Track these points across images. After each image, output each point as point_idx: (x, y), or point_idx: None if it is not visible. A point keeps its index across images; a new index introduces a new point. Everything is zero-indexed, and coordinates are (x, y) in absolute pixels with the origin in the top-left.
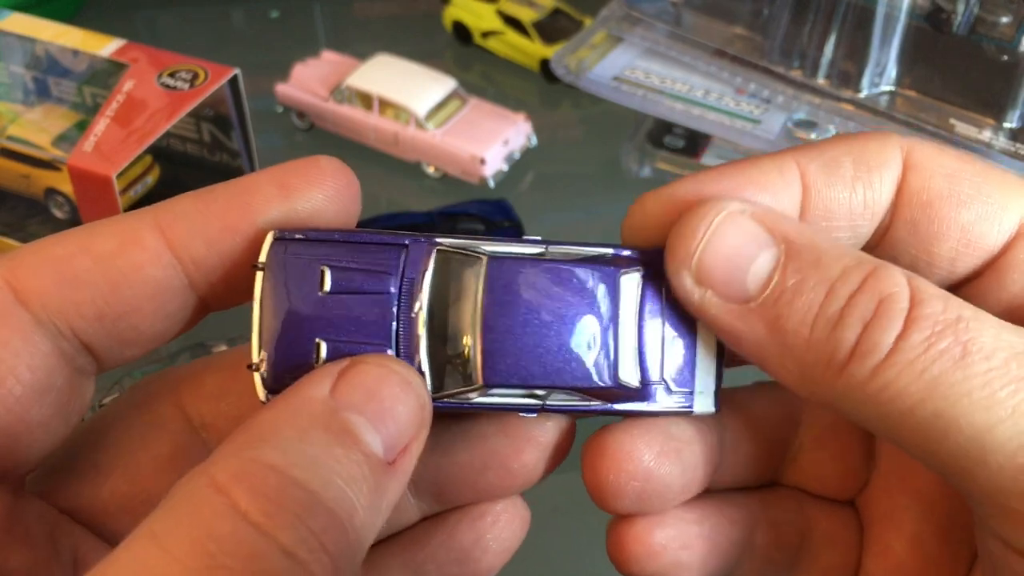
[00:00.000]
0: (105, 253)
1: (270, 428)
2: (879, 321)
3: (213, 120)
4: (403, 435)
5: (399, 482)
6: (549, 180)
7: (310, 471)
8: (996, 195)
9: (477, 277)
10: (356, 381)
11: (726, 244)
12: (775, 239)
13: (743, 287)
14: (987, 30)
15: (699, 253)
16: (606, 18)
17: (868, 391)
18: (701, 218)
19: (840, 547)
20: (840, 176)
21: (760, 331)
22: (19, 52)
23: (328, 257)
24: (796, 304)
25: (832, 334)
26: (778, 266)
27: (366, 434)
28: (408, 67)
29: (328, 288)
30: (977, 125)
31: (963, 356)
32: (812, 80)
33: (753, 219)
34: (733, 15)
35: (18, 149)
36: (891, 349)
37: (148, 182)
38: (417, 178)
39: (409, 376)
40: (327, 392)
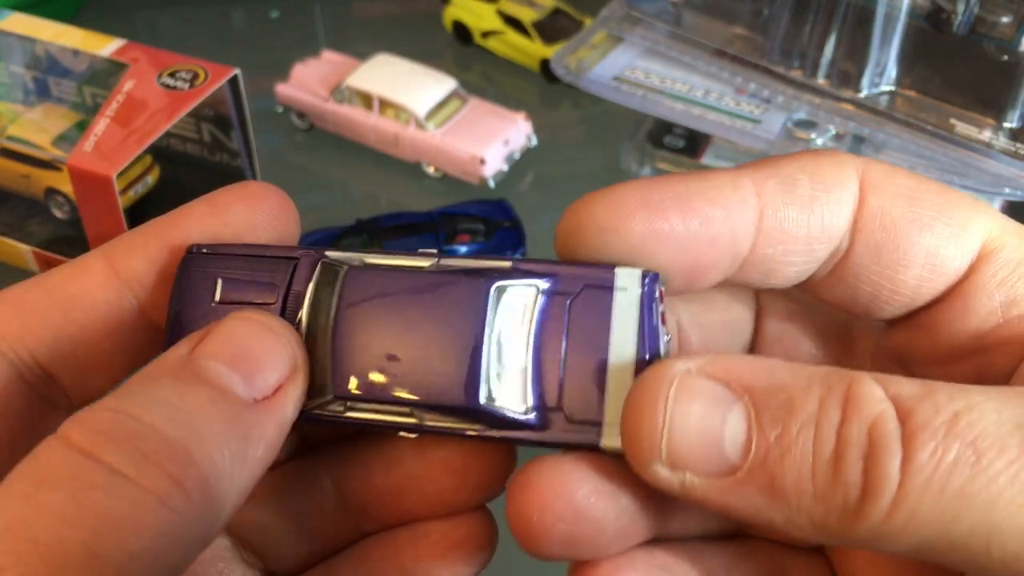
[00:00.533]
0: (56, 283)
1: (132, 388)
2: (878, 453)
3: (213, 120)
4: (269, 374)
5: (274, 420)
6: (549, 180)
7: (150, 408)
8: (958, 216)
9: (336, 288)
10: (214, 335)
11: (690, 420)
12: (736, 393)
13: (724, 460)
14: (987, 30)
15: (666, 440)
16: (606, 18)
17: (893, 527)
18: (655, 398)
19: None
20: (797, 195)
21: (758, 499)
22: (19, 52)
23: (224, 269)
24: (788, 460)
25: (836, 480)
26: (752, 424)
27: (221, 376)
28: (408, 67)
29: (218, 298)
30: (977, 125)
31: (977, 459)
32: (812, 80)
33: (706, 377)
34: (733, 15)
35: (18, 149)
36: (901, 478)
37: (148, 182)
38: (417, 178)
39: (276, 326)
40: (186, 349)
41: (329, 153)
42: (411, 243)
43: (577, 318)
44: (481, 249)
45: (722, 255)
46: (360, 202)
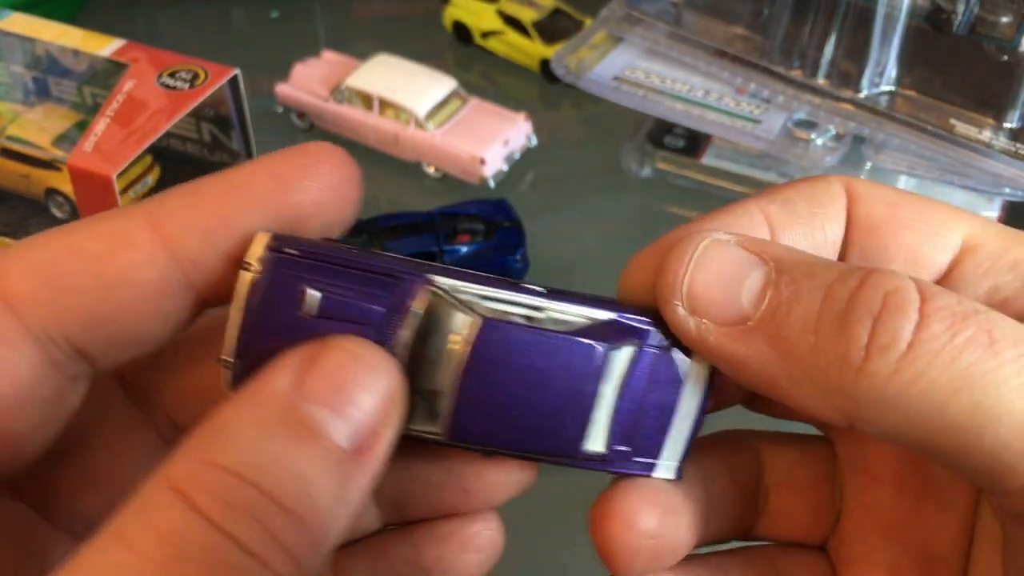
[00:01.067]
0: (96, 254)
1: (228, 425)
2: (891, 313)
3: (213, 120)
4: (371, 423)
5: (369, 471)
6: (549, 180)
7: (266, 471)
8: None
9: (465, 335)
10: (319, 370)
11: (714, 268)
12: (763, 259)
13: (738, 307)
14: (987, 30)
15: (688, 280)
16: (606, 18)
17: (894, 387)
18: (687, 246)
19: None
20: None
21: (764, 349)
22: (19, 52)
23: (316, 279)
24: (795, 311)
25: (841, 332)
26: (770, 282)
27: (328, 426)
28: (408, 67)
29: (311, 312)
30: (977, 125)
31: (991, 344)
32: (812, 80)
33: (739, 245)
34: (733, 15)
35: (18, 149)
36: (912, 340)
37: (148, 182)
38: (417, 178)
39: (377, 360)
40: (288, 384)
41: None
42: (411, 243)
43: (658, 374)
44: (481, 249)
45: None
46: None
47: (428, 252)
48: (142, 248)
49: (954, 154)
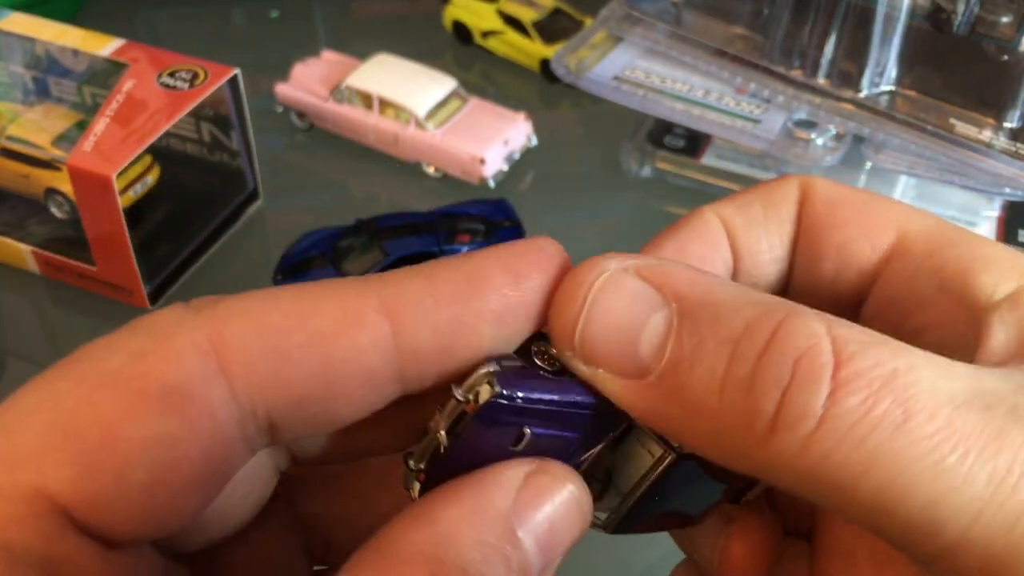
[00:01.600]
0: (324, 330)
1: (455, 534)
2: (801, 385)
3: (213, 120)
4: (559, 558)
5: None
6: (549, 180)
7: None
8: (871, 219)
9: (655, 469)
10: (539, 500)
11: (610, 313)
12: (665, 297)
13: (637, 360)
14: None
15: (580, 329)
16: (606, 18)
17: (802, 464)
18: (578, 285)
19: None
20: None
21: (664, 406)
22: (19, 52)
23: (531, 422)
24: (698, 370)
25: (746, 401)
26: (671, 330)
27: (532, 560)
28: (408, 67)
29: (521, 448)
30: (977, 125)
31: (905, 420)
32: (812, 80)
33: (638, 276)
34: (733, 15)
35: (18, 149)
36: (823, 415)
37: (148, 182)
38: (417, 178)
39: (585, 504)
40: (510, 504)
41: (329, 153)
42: (411, 243)
43: None
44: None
45: None
46: (360, 202)
47: (428, 252)
48: (371, 332)
49: (954, 154)
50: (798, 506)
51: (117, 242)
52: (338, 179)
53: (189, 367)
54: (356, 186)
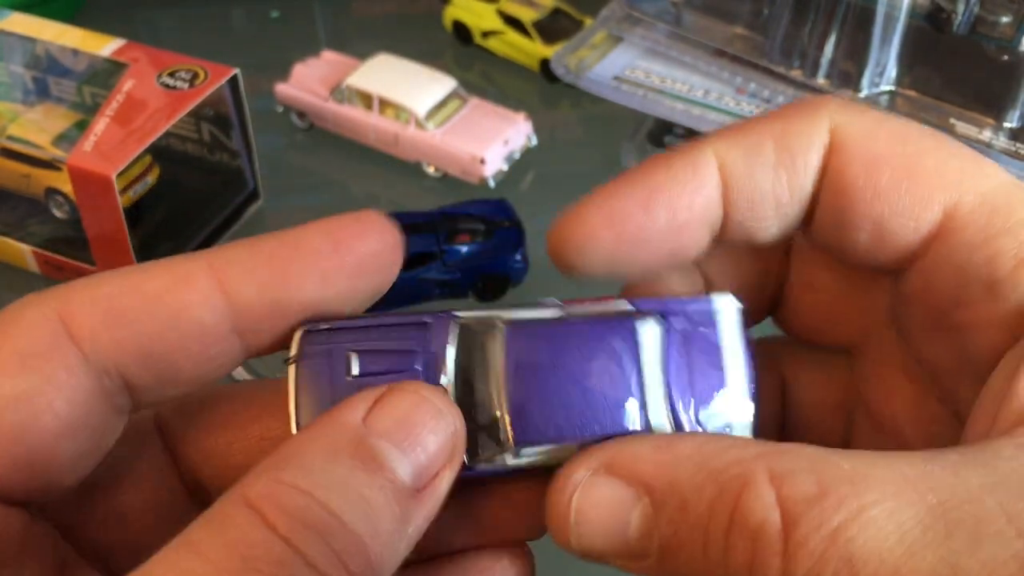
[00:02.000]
0: (156, 291)
1: (300, 450)
2: (760, 566)
3: (213, 120)
4: (432, 463)
5: (427, 509)
6: (549, 180)
7: (334, 494)
8: (916, 188)
9: (497, 345)
10: (389, 409)
11: (595, 522)
12: (636, 491)
13: (632, 548)
14: (987, 30)
15: (575, 538)
16: (606, 18)
17: None
18: (561, 499)
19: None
20: (761, 164)
21: None
22: (19, 52)
23: (354, 342)
24: (682, 558)
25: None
26: (651, 524)
27: (393, 461)
28: (408, 67)
29: (356, 372)
30: (977, 125)
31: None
32: (812, 80)
33: (607, 475)
34: (733, 15)
35: (18, 149)
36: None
37: (148, 182)
38: (417, 178)
39: (442, 404)
40: (359, 418)
41: (329, 153)
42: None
43: (695, 344)
44: (481, 249)
45: (696, 235)
46: (360, 202)
47: (428, 252)
48: (200, 290)
49: None
50: None
51: (117, 242)
52: (338, 179)
53: (39, 334)
54: (356, 186)
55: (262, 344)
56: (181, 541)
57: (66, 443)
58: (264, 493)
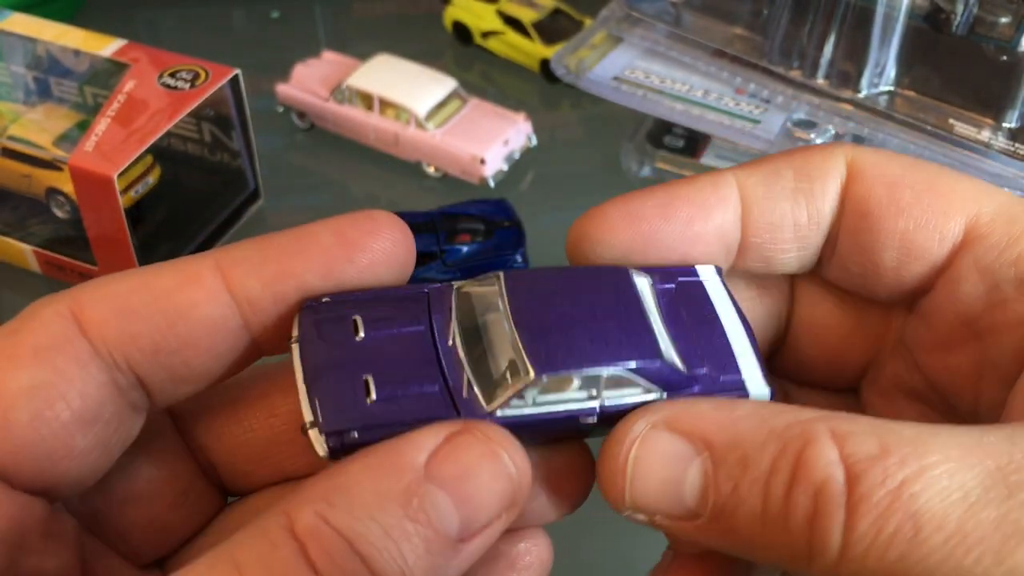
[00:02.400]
0: (164, 289)
1: (354, 485)
2: (822, 519)
3: (214, 120)
4: (484, 517)
5: (464, 560)
6: (549, 180)
7: (372, 546)
8: (937, 203)
9: (499, 294)
10: (455, 456)
11: (651, 474)
12: (696, 446)
13: (685, 508)
14: (986, 30)
15: (629, 489)
16: (606, 18)
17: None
18: (619, 451)
19: None
20: (780, 188)
21: (721, 541)
22: (20, 52)
23: (357, 310)
24: (740, 514)
25: (784, 535)
26: (708, 479)
27: (444, 513)
28: (408, 67)
29: (363, 334)
30: (976, 125)
31: (916, 533)
32: (812, 80)
33: (668, 430)
34: (733, 15)
35: (19, 149)
36: (843, 544)
37: (149, 182)
38: (417, 178)
39: (511, 459)
40: (422, 461)
41: (329, 153)
42: None
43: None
44: (481, 249)
45: (711, 249)
46: (360, 202)
47: (428, 252)
48: (206, 286)
49: (953, 154)
50: None
51: (118, 242)
52: (338, 179)
53: (53, 330)
54: (356, 186)
55: (272, 340)
56: (225, 557)
57: (80, 433)
58: (310, 529)
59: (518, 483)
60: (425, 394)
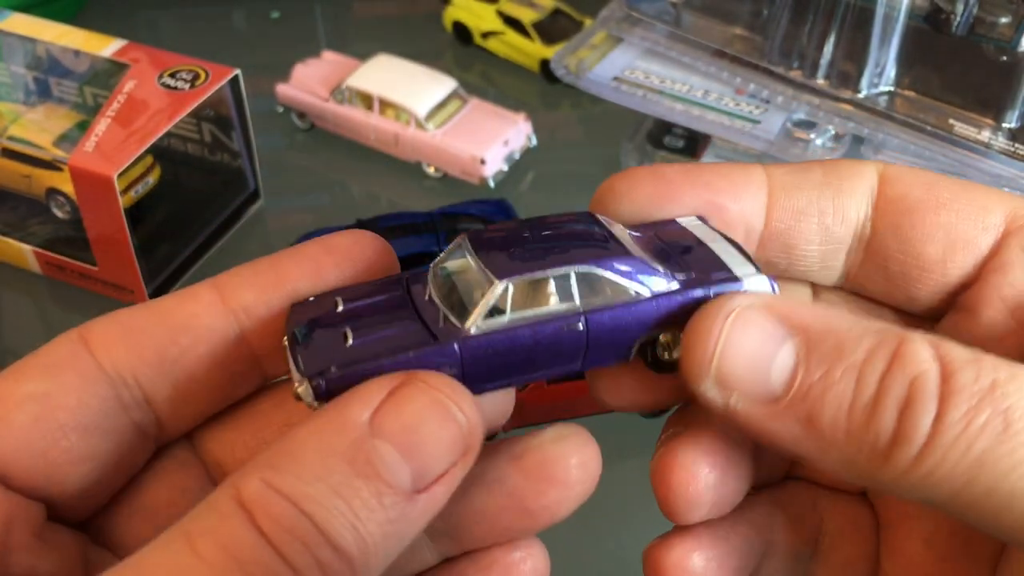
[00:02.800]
0: (166, 308)
1: (298, 448)
2: (913, 405)
3: (214, 120)
4: (436, 466)
5: (424, 511)
6: (549, 180)
7: (321, 506)
8: (975, 197)
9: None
10: (398, 409)
11: (742, 346)
12: (791, 331)
13: (768, 387)
14: (986, 30)
15: (717, 358)
16: (606, 18)
17: (915, 477)
18: (713, 321)
19: (856, 540)
20: (808, 180)
21: (796, 429)
22: (20, 52)
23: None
24: (828, 398)
25: (871, 423)
26: (800, 360)
27: (392, 465)
28: (408, 67)
29: (342, 308)
30: (976, 125)
31: (1005, 428)
32: (812, 80)
33: (765, 312)
34: (733, 15)
35: (19, 149)
36: (931, 432)
37: (149, 182)
38: (417, 178)
39: (458, 404)
40: (365, 417)
41: (329, 153)
42: (411, 243)
43: (663, 236)
44: None
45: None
46: (360, 202)
47: (428, 252)
48: (204, 301)
49: (953, 154)
50: None
51: (118, 242)
52: (338, 179)
53: (61, 351)
54: (356, 186)
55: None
56: (178, 532)
57: (77, 438)
58: (256, 495)
59: (467, 430)
60: (401, 332)
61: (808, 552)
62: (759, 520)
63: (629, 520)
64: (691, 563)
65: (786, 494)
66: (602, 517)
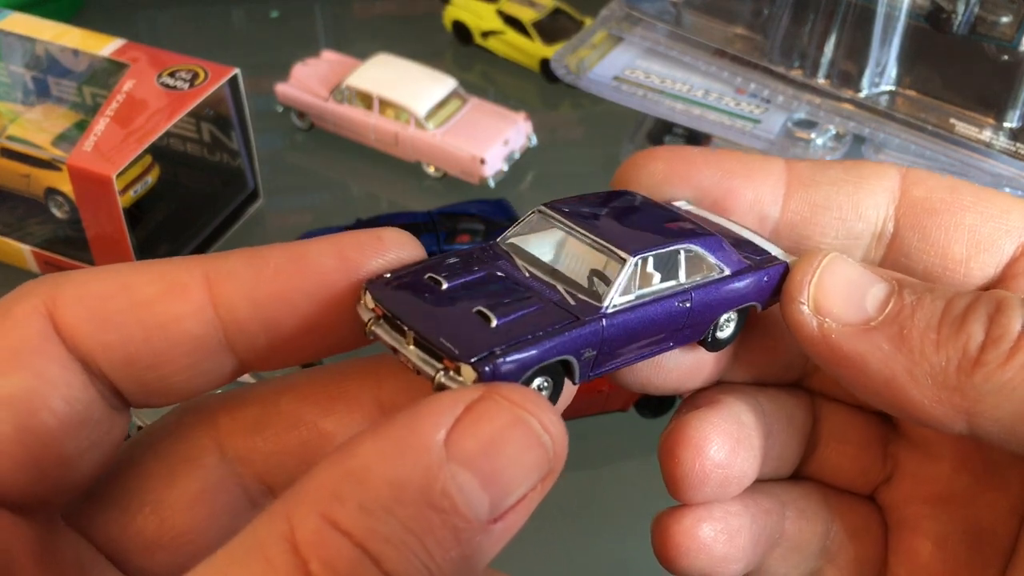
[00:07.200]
0: (144, 298)
1: (364, 473)
2: (1002, 311)
3: (213, 120)
4: (516, 492)
5: (497, 542)
6: (549, 180)
7: (390, 544)
8: (998, 202)
9: (553, 220)
10: (475, 427)
11: (841, 275)
12: (882, 276)
13: (862, 310)
14: (987, 30)
15: (815, 282)
16: (606, 18)
17: (1006, 374)
18: (813, 255)
19: (865, 541)
20: (827, 175)
21: (886, 347)
22: (19, 52)
23: (425, 272)
24: (919, 314)
25: (961, 330)
26: (893, 291)
27: (471, 495)
28: (408, 67)
29: (446, 285)
30: (977, 125)
31: None
32: (812, 80)
33: (861, 264)
34: (733, 15)
35: (18, 149)
36: (1022, 330)
37: (148, 182)
38: (417, 178)
39: (541, 423)
40: (440, 439)
41: (329, 153)
42: None
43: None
44: None
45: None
46: (360, 202)
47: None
48: (192, 301)
49: (954, 154)
50: None
51: (117, 242)
52: (338, 179)
53: (28, 329)
54: (356, 186)
55: (260, 359)
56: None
57: (69, 439)
58: (313, 538)
59: (552, 450)
60: (538, 309)
61: (816, 549)
62: (770, 508)
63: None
64: (701, 532)
65: (797, 490)
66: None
